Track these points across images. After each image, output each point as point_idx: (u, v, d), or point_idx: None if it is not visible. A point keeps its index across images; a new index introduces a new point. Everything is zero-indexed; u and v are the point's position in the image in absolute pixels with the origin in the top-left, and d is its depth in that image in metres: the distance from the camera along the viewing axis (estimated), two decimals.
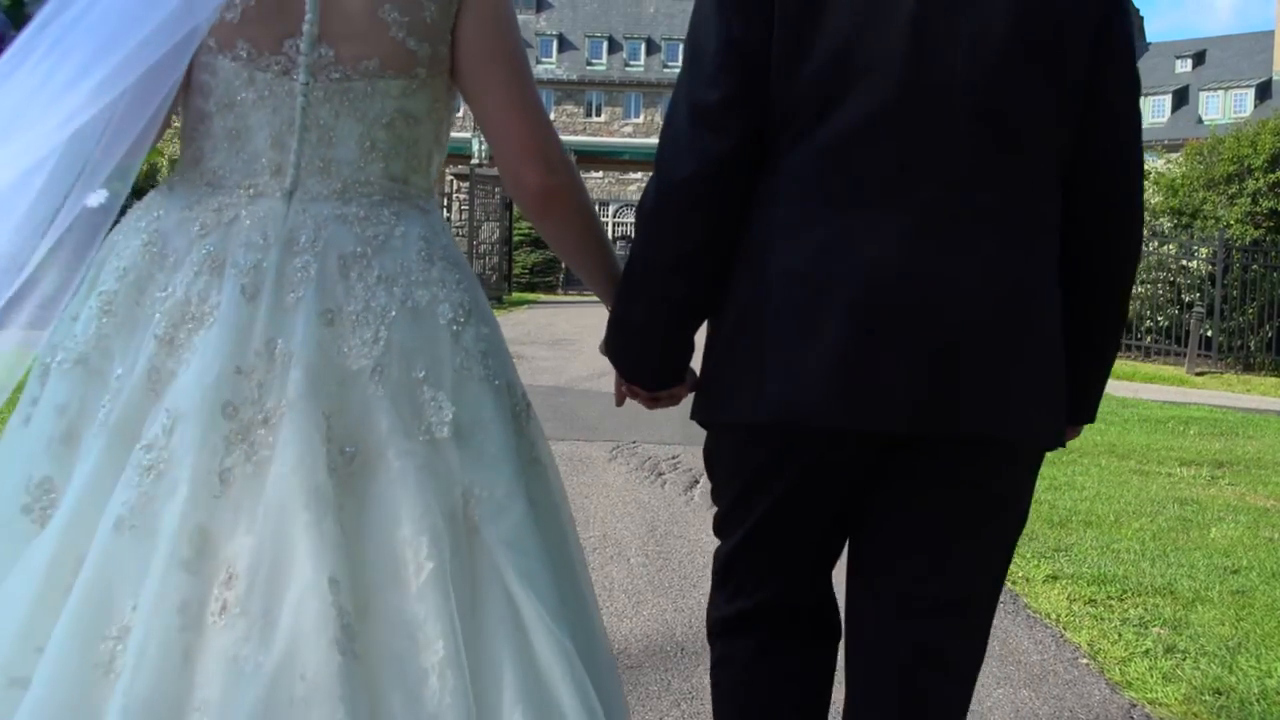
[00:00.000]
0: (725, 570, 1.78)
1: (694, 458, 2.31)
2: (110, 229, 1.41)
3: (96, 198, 1.37)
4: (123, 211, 1.49)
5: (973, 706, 3.22)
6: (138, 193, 1.52)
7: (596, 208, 1.54)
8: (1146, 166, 18.11)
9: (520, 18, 1.86)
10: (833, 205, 1.47)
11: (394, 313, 1.40)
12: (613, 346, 1.68)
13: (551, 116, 2.22)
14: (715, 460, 1.72)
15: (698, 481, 5.79)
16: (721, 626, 1.79)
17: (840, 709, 1.78)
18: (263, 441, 1.31)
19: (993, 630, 3.93)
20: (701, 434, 1.72)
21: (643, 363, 1.68)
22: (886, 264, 1.45)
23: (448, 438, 1.37)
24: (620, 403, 1.81)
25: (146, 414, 1.33)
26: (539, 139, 1.52)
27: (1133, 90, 1.59)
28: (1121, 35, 1.55)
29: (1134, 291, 15.49)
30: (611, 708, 1.45)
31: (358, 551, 1.30)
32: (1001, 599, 4.15)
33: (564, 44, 55.83)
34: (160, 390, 1.34)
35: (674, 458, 6.36)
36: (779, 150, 1.50)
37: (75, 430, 1.37)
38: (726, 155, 1.49)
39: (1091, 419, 1.75)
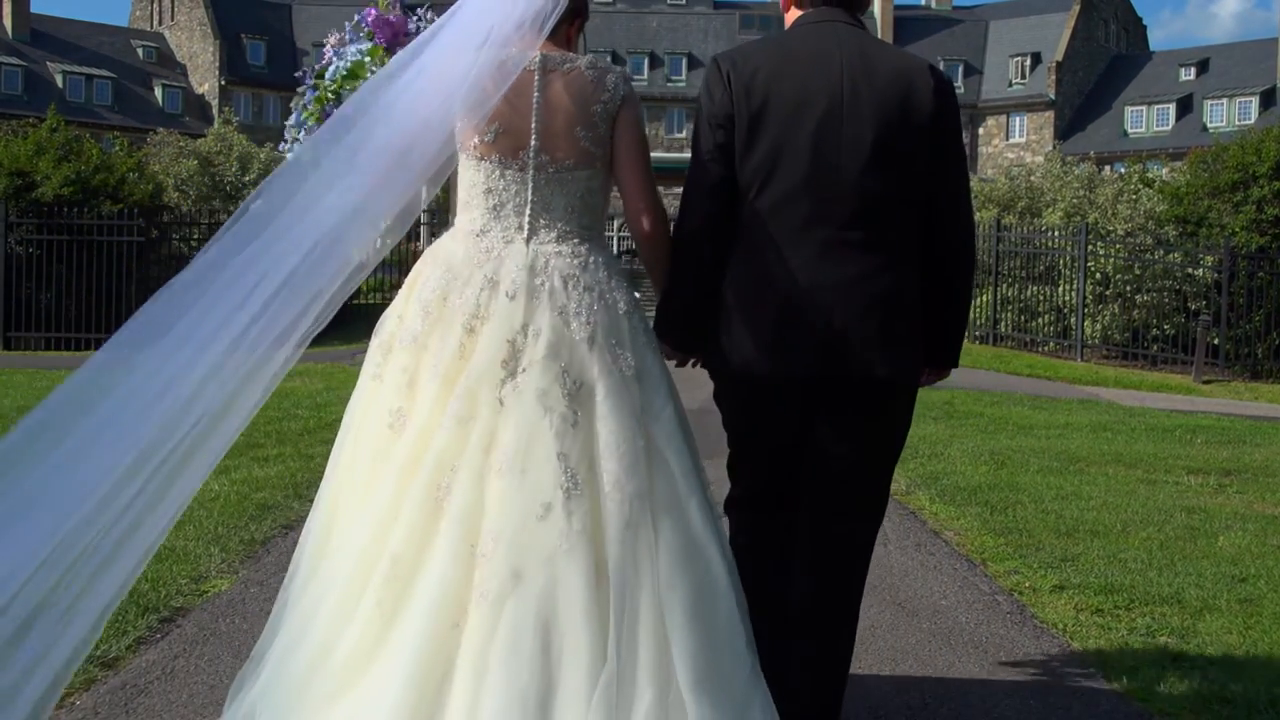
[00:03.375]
0: (731, 469, 2.82)
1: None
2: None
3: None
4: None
5: (980, 718, 3.23)
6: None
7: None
8: (1150, 175, 18.07)
9: None
10: (770, 240, 2.56)
11: (595, 307, 2.40)
12: (660, 314, 2.71)
13: None
14: (720, 395, 2.76)
15: (708, 485, 5.77)
16: (730, 504, 2.84)
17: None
18: (523, 380, 2.31)
19: (999, 640, 3.92)
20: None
21: (674, 324, 2.71)
22: (799, 276, 2.54)
23: (631, 376, 2.37)
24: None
25: (459, 371, 2.34)
26: (651, 202, 2.56)
27: (960, 159, 2.67)
28: (948, 120, 2.60)
29: (1139, 300, 15.64)
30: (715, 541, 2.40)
31: (589, 436, 2.30)
32: (1008, 609, 4.19)
33: None
34: (467, 356, 2.35)
35: None
36: (742, 207, 2.59)
37: (414, 380, 2.38)
38: (718, 211, 2.60)
39: (954, 363, 2.76)
